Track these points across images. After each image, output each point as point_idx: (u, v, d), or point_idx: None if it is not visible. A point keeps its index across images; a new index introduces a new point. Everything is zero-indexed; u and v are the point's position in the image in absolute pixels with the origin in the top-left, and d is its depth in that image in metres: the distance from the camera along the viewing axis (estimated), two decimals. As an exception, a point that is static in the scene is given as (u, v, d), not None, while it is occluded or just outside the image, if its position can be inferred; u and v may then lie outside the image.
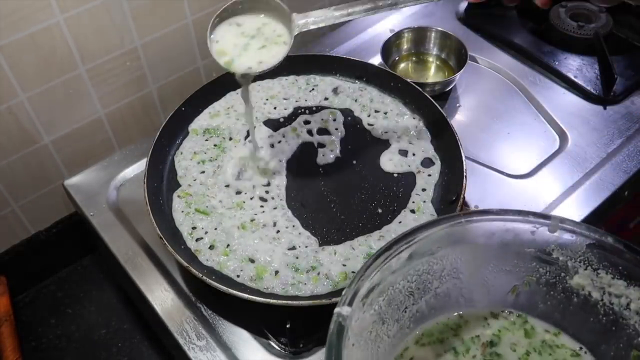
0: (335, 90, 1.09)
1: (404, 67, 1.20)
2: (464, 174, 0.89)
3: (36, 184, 1.13)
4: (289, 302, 0.79)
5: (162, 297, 0.88)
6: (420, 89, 1.03)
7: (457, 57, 1.16)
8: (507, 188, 1.00)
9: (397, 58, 1.20)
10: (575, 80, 1.13)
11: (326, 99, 1.08)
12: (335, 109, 1.06)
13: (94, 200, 1.00)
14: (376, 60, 1.18)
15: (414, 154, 0.99)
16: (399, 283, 0.67)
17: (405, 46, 1.21)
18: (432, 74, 1.19)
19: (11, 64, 0.96)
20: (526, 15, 1.27)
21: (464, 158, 0.91)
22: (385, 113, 1.05)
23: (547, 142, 1.06)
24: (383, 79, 1.08)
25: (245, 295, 0.78)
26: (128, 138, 1.21)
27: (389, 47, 1.17)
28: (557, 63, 1.16)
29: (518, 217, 0.67)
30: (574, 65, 1.15)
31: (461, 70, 1.10)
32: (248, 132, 1.01)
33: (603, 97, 1.10)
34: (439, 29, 1.18)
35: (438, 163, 0.97)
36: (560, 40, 1.19)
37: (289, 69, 1.10)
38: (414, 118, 1.04)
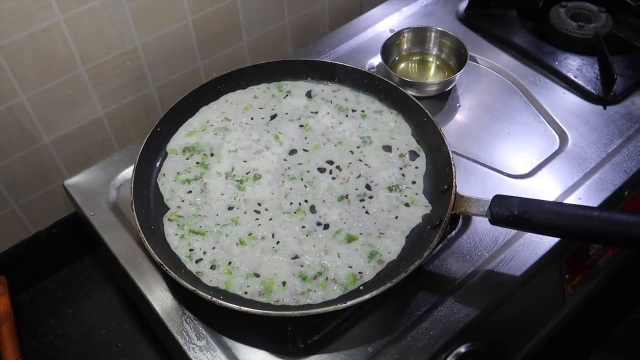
0: (309, 94, 1.07)
1: (404, 67, 1.20)
2: (452, 161, 0.88)
3: (36, 184, 1.14)
4: (304, 311, 0.77)
5: (162, 297, 0.88)
6: (390, 81, 1.03)
7: (457, 57, 1.16)
8: (507, 188, 1.00)
9: (397, 58, 1.20)
10: (575, 80, 1.13)
11: (302, 103, 1.06)
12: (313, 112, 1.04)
13: (94, 200, 1.00)
14: (376, 60, 1.18)
15: (397, 148, 0.99)
16: None
17: (405, 46, 1.20)
18: (432, 74, 1.19)
19: (11, 64, 0.96)
20: (526, 15, 1.27)
21: (447, 143, 0.91)
22: (363, 111, 1.04)
23: (547, 142, 1.06)
24: (355, 77, 1.07)
25: (259, 311, 0.76)
26: (128, 138, 1.21)
27: (389, 47, 1.17)
28: (557, 63, 1.16)
29: None
30: (574, 65, 1.15)
31: (461, 70, 1.10)
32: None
33: (603, 97, 1.10)
34: (439, 29, 1.18)
35: (423, 154, 0.97)
36: (560, 40, 1.19)
37: (258, 77, 1.08)
38: (391, 112, 1.03)
